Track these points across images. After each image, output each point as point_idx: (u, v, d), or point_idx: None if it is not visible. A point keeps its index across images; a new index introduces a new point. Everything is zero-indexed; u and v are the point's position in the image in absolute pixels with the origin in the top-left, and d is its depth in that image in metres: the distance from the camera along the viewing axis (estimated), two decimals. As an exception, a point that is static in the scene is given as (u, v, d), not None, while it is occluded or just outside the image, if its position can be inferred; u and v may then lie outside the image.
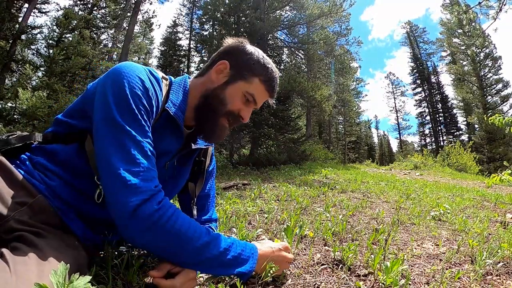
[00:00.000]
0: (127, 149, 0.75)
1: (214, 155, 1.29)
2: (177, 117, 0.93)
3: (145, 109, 0.82)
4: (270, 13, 12.02)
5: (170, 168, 1.03)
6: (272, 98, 1.06)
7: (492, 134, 22.05)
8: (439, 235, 1.86)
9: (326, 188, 3.88)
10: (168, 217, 0.76)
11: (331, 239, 1.57)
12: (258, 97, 1.00)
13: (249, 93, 0.98)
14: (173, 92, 0.98)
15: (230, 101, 0.97)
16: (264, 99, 1.04)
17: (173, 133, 0.97)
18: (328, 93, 14.10)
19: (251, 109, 1.02)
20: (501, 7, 10.47)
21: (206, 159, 1.19)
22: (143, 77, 0.85)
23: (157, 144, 0.89)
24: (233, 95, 0.97)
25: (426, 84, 36.55)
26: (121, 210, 0.72)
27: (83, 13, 13.81)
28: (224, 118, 0.98)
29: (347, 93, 27.86)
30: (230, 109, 0.97)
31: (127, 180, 0.72)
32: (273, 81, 1.03)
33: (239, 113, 0.98)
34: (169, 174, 1.04)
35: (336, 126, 33.40)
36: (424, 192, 4.42)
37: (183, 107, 0.97)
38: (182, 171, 1.11)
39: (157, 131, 0.90)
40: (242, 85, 0.98)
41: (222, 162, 10.11)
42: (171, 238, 0.77)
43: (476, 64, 25.50)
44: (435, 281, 1.12)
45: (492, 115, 3.75)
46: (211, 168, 1.25)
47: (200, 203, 1.20)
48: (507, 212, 2.95)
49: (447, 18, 26.97)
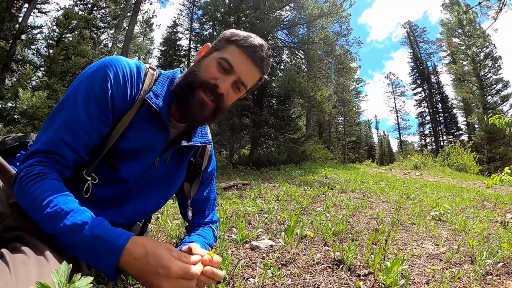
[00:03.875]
0: (45, 127, 0.81)
1: (214, 155, 1.21)
2: (158, 108, 0.87)
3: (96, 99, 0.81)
4: (270, 13, 12.01)
5: (162, 165, 0.98)
6: (257, 66, 0.91)
7: (492, 134, 22.04)
8: (439, 235, 1.86)
9: (326, 188, 3.88)
10: (27, 181, 0.73)
11: (331, 239, 1.57)
12: (235, 61, 0.88)
13: (223, 58, 0.88)
14: (158, 84, 0.93)
15: (203, 71, 0.89)
16: (246, 65, 0.90)
17: (157, 127, 0.91)
18: (328, 93, 14.09)
19: (231, 79, 0.89)
20: (501, 7, 10.47)
21: (204, 159, 1.12)
22: (116, 67, 0.85)
23: (137, 137, 0.87)
24: (207, 64, 0.90)
25: (426, 84, 36.53)
26: None
27: (83, 13, 13.80)
28: (200, 90, 0.88)
29: (347, 93, 27.86)
30: (204, 78, 0.88)
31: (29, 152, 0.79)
32: (253, 46, 0.90)
33: (215, 82, 0.88)
34: (161, 172, 0.99)
35: (336, 126, 33.38)
36: (424, 192, 4.42)
37: (168, 98, 0.91)
38: (177, 170, 1.05)
39: (137, 123, 0.87)
40: (217, 54, 0.90)
41: (222, 162, 10.11)
42: (26, 202, 0.74)
43: (476, 64, 25.49)
44: (435, 281, 1.12)
45: (492, 115, 3.75)
46: (209, 170, 1.17)
47: (199, 206, 1.16)
48: (507, 212, 2.95)
49: (447, 18, 27.00)
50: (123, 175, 0.91)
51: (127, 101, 0.87)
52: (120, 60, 0.88)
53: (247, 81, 0.92)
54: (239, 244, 1.45)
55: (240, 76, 0.90)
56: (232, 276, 1.07)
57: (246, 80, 0.92)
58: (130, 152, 0.89)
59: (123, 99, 0.86)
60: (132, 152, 0.90)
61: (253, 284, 1.03)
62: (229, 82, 0.88)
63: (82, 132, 0.80)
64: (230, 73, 0.88)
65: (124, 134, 0.87)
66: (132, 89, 0.88)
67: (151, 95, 0.88)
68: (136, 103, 0.88)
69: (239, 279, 1.06)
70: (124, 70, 0.86)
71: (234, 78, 0.89)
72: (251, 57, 0.90)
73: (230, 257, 1.16)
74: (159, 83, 0.93)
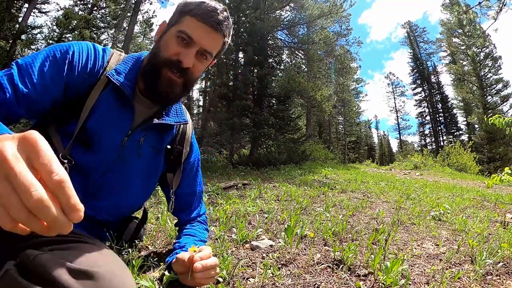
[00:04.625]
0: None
1: (195, 144, 1.18)
2: (119, 83, 0.88)
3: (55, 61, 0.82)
4: (270, 13, 12.01)
5: (132, 146, 0.95)
6: (217, 30, 0.89)
7: (492, 134, 22.04)
8: (439, 235, 1.86)
9: (326, 188, 3.88)
10: None
11: (331, 239, 1.57)
12: (193, 31, 0.87)
13: (180, 31, 0.87)
14: (123, 63, 0.94)
15: (164, 48, 0.89)
16: (205, 33, 0.88)
17: (121, 103, 0.91)
18: (328, 93, 14.09)
19: (193, 51, 0.88)
20: (501, 7, 10.47)
21: (184, 147, 1.09)
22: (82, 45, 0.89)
23: (103, 116, 0.88)
24: (166, 41, 0.90)
25: (426, 84, 36.54)
26: None
27: (83, 13, 13.81)
28: (165, 69, 0.89)
29: (347, 93, 27.87)
30: (166, 56, 0.88)
31: None
32: (208, 11, 0.88)
33: (177, 58, 0.88)
34: (131, 153, 0.95)
35: (336, 126, 33.38)
36: (424, 192, 4.42)
37: (130, 76, 0.93)
38: (154, 156, 1.02)
39: (103, 102, 0.89)
40: (174, 29, 0.90)
41: (222, 162, 10.11)
42: None
43: (476, 64, 25.50)
44: (435, 281, 1.12)
45: (492, 115, 3.75)
46: (192, 159, 1.14)
47: (186, 200, 1.16)
48: (507, 212, 2.95)
49: (447, 18, 27.01)
50: (94, 158, 0.90)
51: (88, 75, 0.88)
52: (87, 42, 0.92)
53: (211, 48, 0.91)
54: (239, 244, 1.45)
55: (201, 45, 0.89)
56: (232, 276, 1.07)
57: (209, 47, 0.91)
58: (99, 131, 0.89)
59: (83, 71, 0.87)
60: (100, 131, 0.89)
61: (253, 284, 1.03)
62: (191, 54, 0.88)
63: (29, 79, 0.78)
64: (191, 45, 0.88)
65: (92, 113, 0.87)
66: (95, 65, 0.90)
67: (113, 72, 0.89)
68: (101, 81, 0.89)
69: (239, 279, 1.06)
70: (88, 48, 0.90)
71: (196, 49, 0.89)
72: (208, 23, 0.88)
73: (230, 257, 1.16)
74: (124, 62, 0.94)
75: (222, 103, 11.56)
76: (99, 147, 0.90)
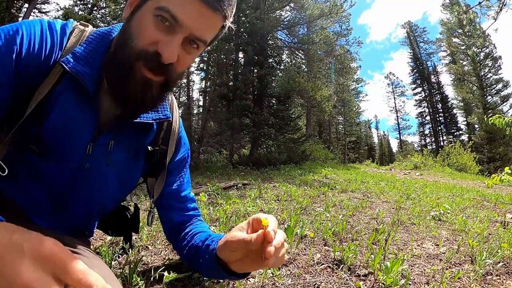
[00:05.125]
0: None
1: (185, 139, 0.94)
2: (77, 74, 0.65)
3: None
4: (270, 13, 12.03)
5: (99, 153, 0.73)
6: (215, 9, 0.61)
7: (492, 134, 22.06)
8: (439, 235, 1.86)
9: (326, 188, 3.88)
10: None
11: (331, 239, 1.57)
12: (180, 9, 0.59)
13: (160, 8, 0.59)
14: (85, 43, 0.69)
15: (136, 32, 0.62)
16: (197, 12, 0.60)
17: (81, 99, 0.68)
18: (328, 93, 14.10)
19: (178, 39, 0.61)
20: (501, 7, 10.48)
21: (169, 147, 0.86)
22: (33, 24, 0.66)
23: (59, 114, 0.67)
24: (139, 23, 0.62)
25: (426, 84, 36.56)
26: None
27: (83, 13, 13.82)
28: (138, 63, 0.62)
29: (347, 93, 27.89)
30: (139, 45, 0.61)
31: None
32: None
33: (155, 49, 0.61)
34: (99, 162, 0.74)
35: (336, 126, 33.39)
36: (424, 192, 4.42)
37: (94, 61, 0.68)
38: (130, 161, 0.80)
39: (59, 96, 0.67)
40: (151, 4, 0.61)
41: (222, 162, 10.12)
42: None
43: (476, 64, 25.52)
44: (435, 281, 1.12)
45: (492, 115, 3.75)
46: (178, 158, 0.92)
47: (169, 203, 0.93)
48: (507, 212, 2.95)
49: (447, 18, 27.03)
50: (52, 168, 0.71)
51: (42, 64, 0.65)
52: (41, 19, 0.69)
53: (204, 34, 0.63)
54: (239, 244, 1.45)
55: (191, 30, 0.61)
56: (232, 276, 1.07)
57: (202, 33, 0.63)
58: (51, 136, 0.68)
59: (36, 59, 0.64)
60: (53, 136, 0.68)
61: (253, 284, 1.03)
62: (176, 44, 0.60)
63: None
64: (175, 29, 0.60)
65: (44, 110, 0.66)
66: (52, 50, 0.66)
67: (69, 58, 0.65)
68: (55, 70, 0.66)
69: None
70: (42, 26, 0.66)
71: (182, 36, 0.61)
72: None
73: (230, 257, 1.16)
74: (86, 42, 0.69)
75: (222, 103, 11.57)
76: (55, 155, 0.70)
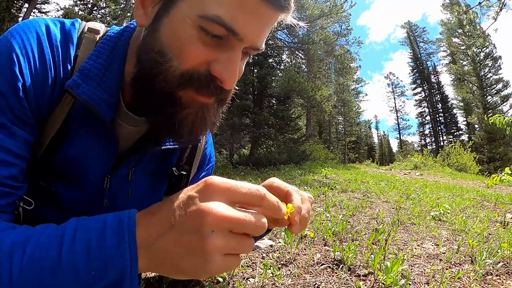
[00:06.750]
0: None
1: (211, 156, 0.83)
2: (89, 100, 0.50)
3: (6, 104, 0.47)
4: (270, 13, 12.05)
5: (118, 184, 0.63)
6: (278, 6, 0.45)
7: (492, 134, 22.07)
8: (439, 235, 1.86)
9: (326, 188, 3.88)
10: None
11: (331, 239, 1.57)
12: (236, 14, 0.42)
13: (209, 18, 0.42)
14: (94, 55, 0.54)
15: (177, 50, 0.45)
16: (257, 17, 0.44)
17: (95, 128, 0.55)
18: (328, 93, 14.12)
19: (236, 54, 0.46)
20: (501, 7, 10.48)
21: (193, 167, 0.74)
22: (26, 38, 0.50)
23: (75, 144, 0.56)
24: (176, 36, 0.45)
25: (426, 84, 36.59)
26: None
27: (83, 13, 13.83)
28: (190, 90, 0.48)
29: (347, 93, 27.90)
30: (185, 68, 0.46)
31: None
32: None
33: (208, 69, 0.46)
34: (118, 194, 0.64)
35: (336, 126, 33.42)
36: (424, 192, 4.42)
37: (107, 80, 0.53)
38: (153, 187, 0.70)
39: (73, 124, 0.55)
40: (186, 8, 0.44)
41: (222, 162, 10.11)
42: None
43: (476, 64, 25.54)
44: (435, 281, 1.12)
45: (492, 115, 3.75)
46: (201, 176, 0.79)
47: None
48: (507, 212, 2.95)
49: (447, 18, 27.05)
50: (63, 203, 0.60)
51: (50, 87, 0.52)
52: (35, 25, 0.52)
53: (262, 42, 0.50)
54: (239, 244, 1.45)
55: (253, 43, 0.47)
56: (232, 276, 1.07)
57: (261, 42, 0.49)
58: (64, 168, 0.57)
59: (43, 85, 0.51)
60: (67, 167, 0.57)
61: (253, 284, 1.03)
62: (237, 63, 0.47)
63: (7, 158, 0.46)
64: (231, 43, 0.45)
65: (60, 139, 0.55)
66: (55, 69, 0.52)
67: (76, 78, 0.51)
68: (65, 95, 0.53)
69: (239, 279, 1.06)
70: (40, 41, 0.51)
71: (241, 49, 0.47)
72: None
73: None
74: (95, 54, 0.54)
75: (222, 103, 11.55)
76: (76, 183, 0.60)
